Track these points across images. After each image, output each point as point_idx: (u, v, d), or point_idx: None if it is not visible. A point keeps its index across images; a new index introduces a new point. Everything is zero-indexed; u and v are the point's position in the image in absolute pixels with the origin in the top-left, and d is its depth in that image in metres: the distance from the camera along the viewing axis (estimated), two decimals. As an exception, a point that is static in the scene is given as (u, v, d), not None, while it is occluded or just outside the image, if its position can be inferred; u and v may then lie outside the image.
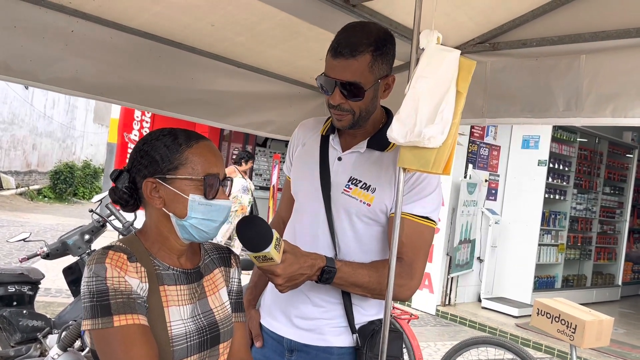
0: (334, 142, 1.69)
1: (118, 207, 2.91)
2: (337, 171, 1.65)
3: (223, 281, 1.42)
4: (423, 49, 1.41)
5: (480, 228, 7.28)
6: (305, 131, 1.82)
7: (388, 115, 1.69)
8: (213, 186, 1.26)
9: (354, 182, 1.62)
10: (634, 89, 1.87)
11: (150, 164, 1.26)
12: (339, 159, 1.66)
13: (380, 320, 1.64)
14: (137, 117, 9.93)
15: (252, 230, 1.33)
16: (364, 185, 1.60)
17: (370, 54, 1.48)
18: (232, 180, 1.36)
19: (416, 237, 1.56)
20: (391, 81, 1.59)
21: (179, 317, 1.25)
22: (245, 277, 1.59)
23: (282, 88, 2.65)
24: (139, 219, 2.58)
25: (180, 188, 1.24)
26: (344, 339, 1.62)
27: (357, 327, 1.62)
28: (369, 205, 1.59)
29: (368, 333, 1.61)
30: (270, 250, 1.33)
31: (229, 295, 1.42)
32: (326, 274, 1.46)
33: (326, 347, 1.62)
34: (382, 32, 1.53)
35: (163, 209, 1.26)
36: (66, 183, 15.51)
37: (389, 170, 1.60)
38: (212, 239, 1.33)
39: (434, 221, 1.58)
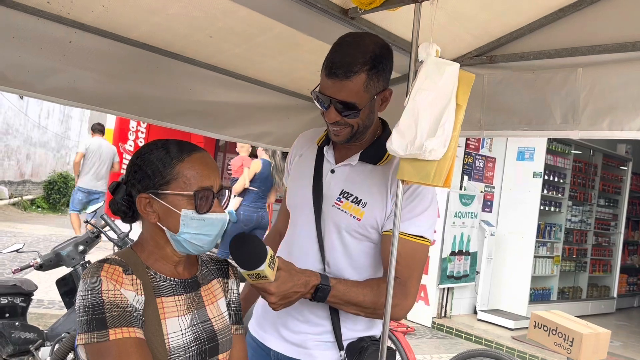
0: (328, 154, 1.68)
1: (114, 218, 2.87)
2: (330, 184, 1.63)
3: (221, 292, 1.40)
4: (422, 62, 1.42)
5: (476, 240, 7.27)
6: (303, 142, 1.82)
7: (384, 127, 1.67)
8: (206, 200, 1.24)
9: (345, 195, 1.59)
10: (631, 102, 1.88)
11: (143, 179, 1.25)
12: (332, 171, 1.65)
13: (370, 337, 1.62)
14: (133, 127, 9.89)
15: (245, 249, 1.30)
16: (354, 200, 1.58)
17: (365, 73, 1.43)
18: (229, 191, 1.35)
19: (410, 256, 1.52)
20: (388, 94, 1.56)
21: (178, 328, 1.24)
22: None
23: (279, 99, 2.65)
24: (134, 230, 2.56)
25: (173, 203, 1.23)
26: (330, 355, 1.59)
27: (345, 343, 1.59)
28: (359, 219, 1.56)
29: (356, 350, 1.57)
30: (264, 268, 1.30)
31: (227, 306, 1.41)
32: (320, 292, 1.44)
33: None
34: (378, 46, 1.47)
35: (158, 223, 1.25)
36: (60, 193, 15.40)
37: (381, 185, 1.57)
38: (208, 252, 1.32)
39: (428, 239, 1.54)
